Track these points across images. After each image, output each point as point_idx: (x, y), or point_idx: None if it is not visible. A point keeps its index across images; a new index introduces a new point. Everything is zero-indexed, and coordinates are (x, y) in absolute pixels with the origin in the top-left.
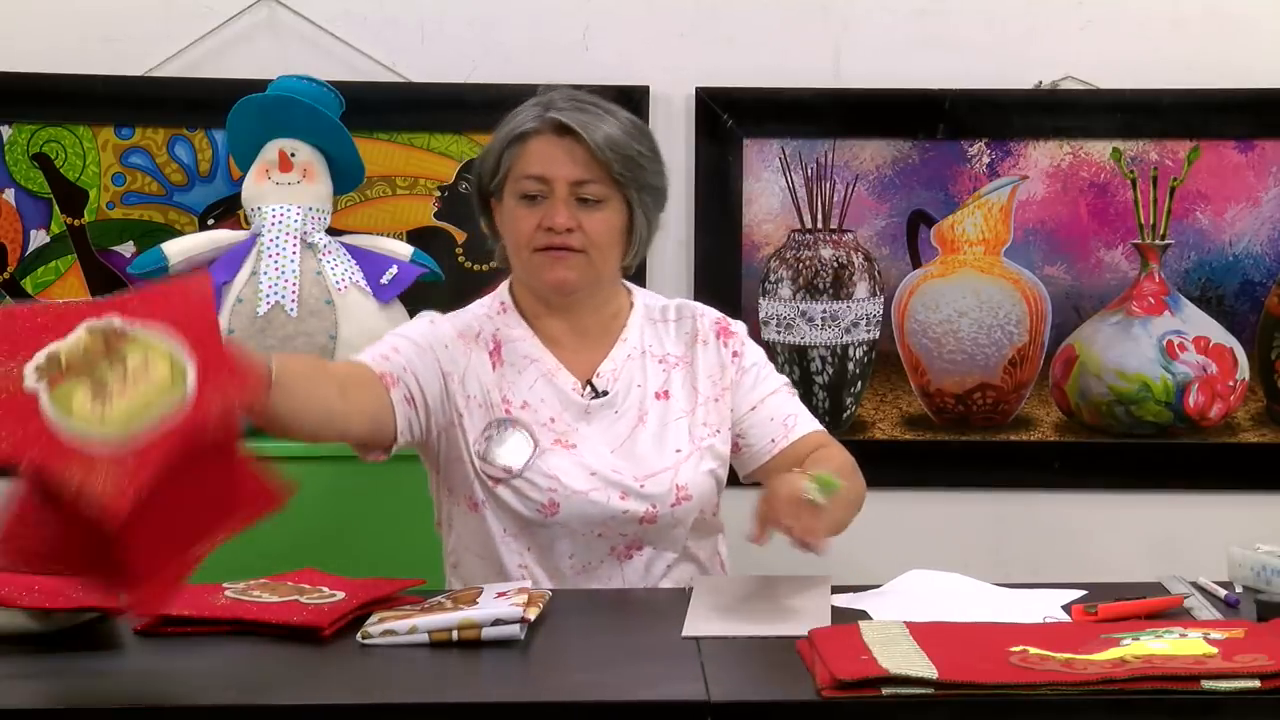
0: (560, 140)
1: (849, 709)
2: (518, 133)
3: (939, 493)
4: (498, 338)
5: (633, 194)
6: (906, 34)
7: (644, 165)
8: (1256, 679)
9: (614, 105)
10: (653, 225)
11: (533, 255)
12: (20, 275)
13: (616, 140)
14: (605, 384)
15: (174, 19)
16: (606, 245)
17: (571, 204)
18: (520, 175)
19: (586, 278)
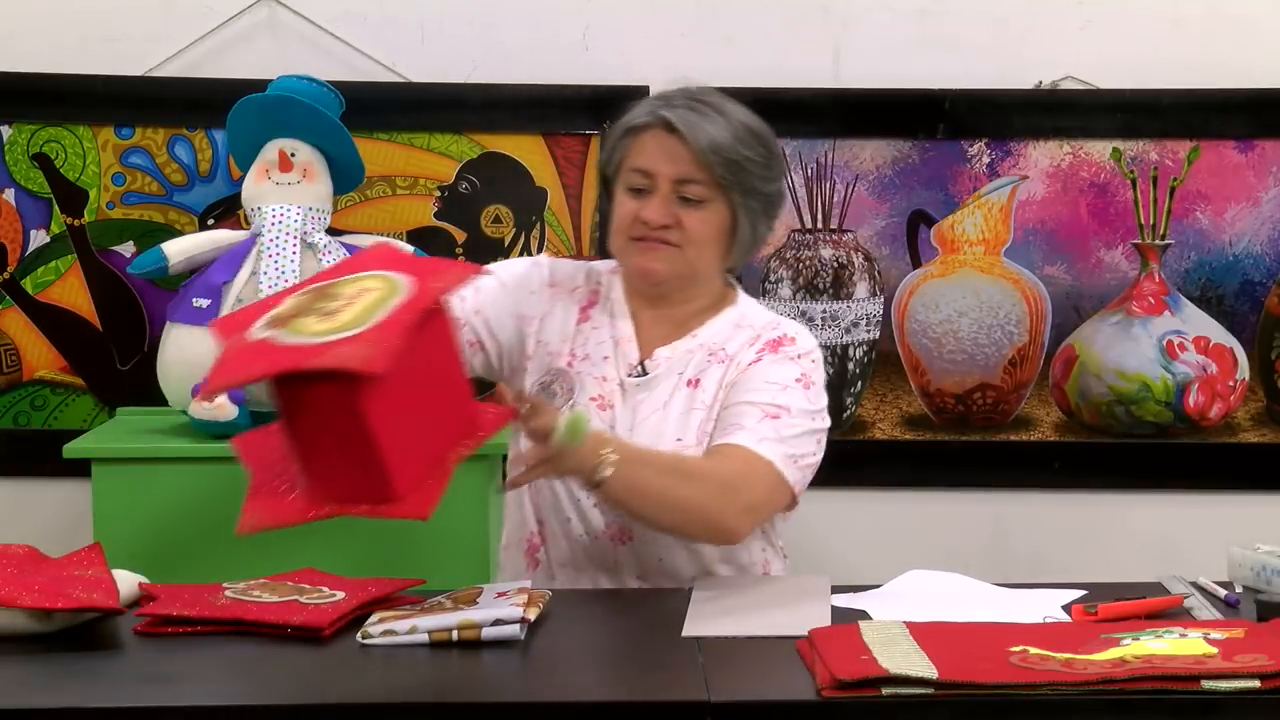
0: (668, 137)
1: (849, 709)
2: (631, 126)
3: (939, 493)
4: (598, 295)
5: (736, 197)
6: (906, 34)
7: (750, 170)
8: (1256, 679)
9: (735, 106)
10: (760, 230)
11: (627, 243)
12: (20, 275)
13: (721, 143)
14: (654, 367)
15: (174, 19)
16: (703, 243)
17: (672, 201)
18: (629, 168)
19: (676, 270)
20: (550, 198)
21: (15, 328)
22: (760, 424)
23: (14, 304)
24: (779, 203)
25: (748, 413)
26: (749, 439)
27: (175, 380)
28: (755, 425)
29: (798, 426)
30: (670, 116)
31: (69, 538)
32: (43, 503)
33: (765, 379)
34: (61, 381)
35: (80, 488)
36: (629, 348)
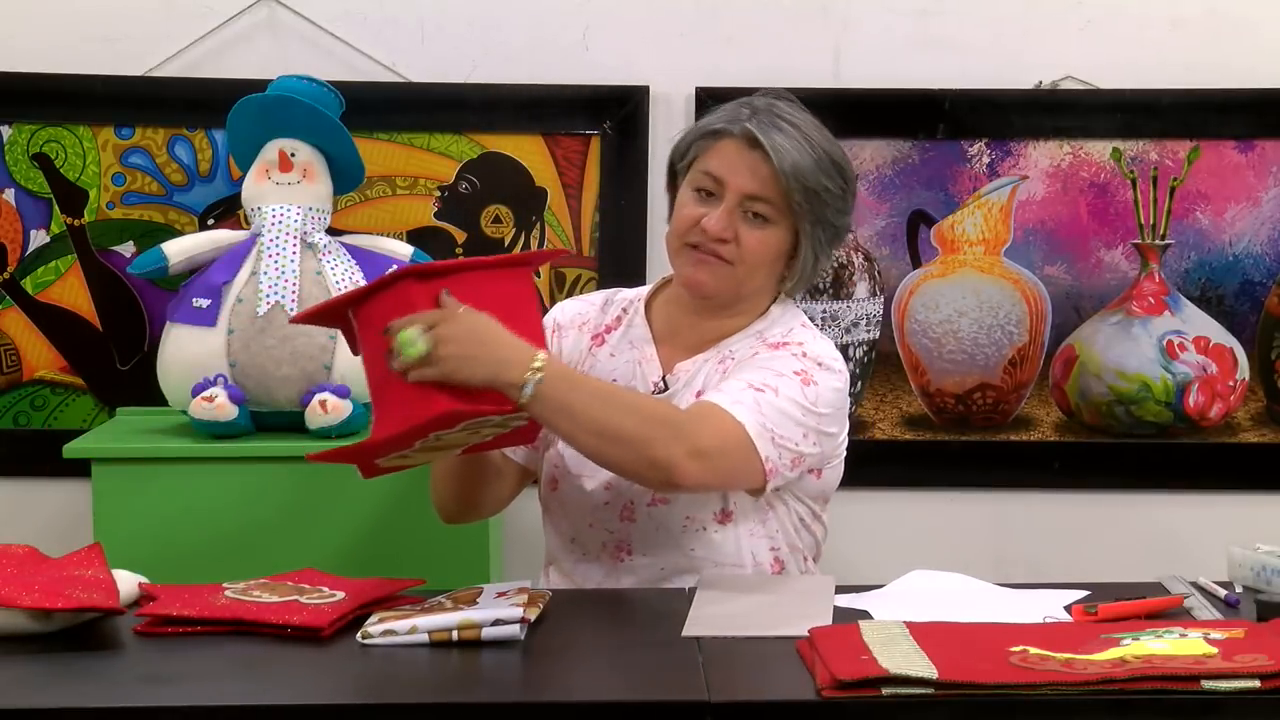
0: (750, 150)
1: (849, 709)
2: (714, 128)
3: (939, 493)
4: (618, 323)
5: (806, 226)
6: (906, 34)
7: (827, 201)
8: (1256, 679)
9: (818, 133)
10: (822, 260)
11: (682, 247)
12: (20, 275)
13: (804, 170)
14: (674, 381)
15: (174, 19)
16: (757, 264)
17: (736, 214)
18: (702, 169)
19: (724, 288)
20: (550, 198)
21: (15, 328)
22: (741, 392)
23: (14, 304)
24: (845, 236)
25: (731, 385)
26: (723, 400)
27: (175, 380)
28: (734, 391)
29: (779, 408)
30: (756, 130)
31: (69, 538)
32: (43, 503)
33: (760, 365)
34: (61, 381)
35: (80, 488)
36: (650, 367)
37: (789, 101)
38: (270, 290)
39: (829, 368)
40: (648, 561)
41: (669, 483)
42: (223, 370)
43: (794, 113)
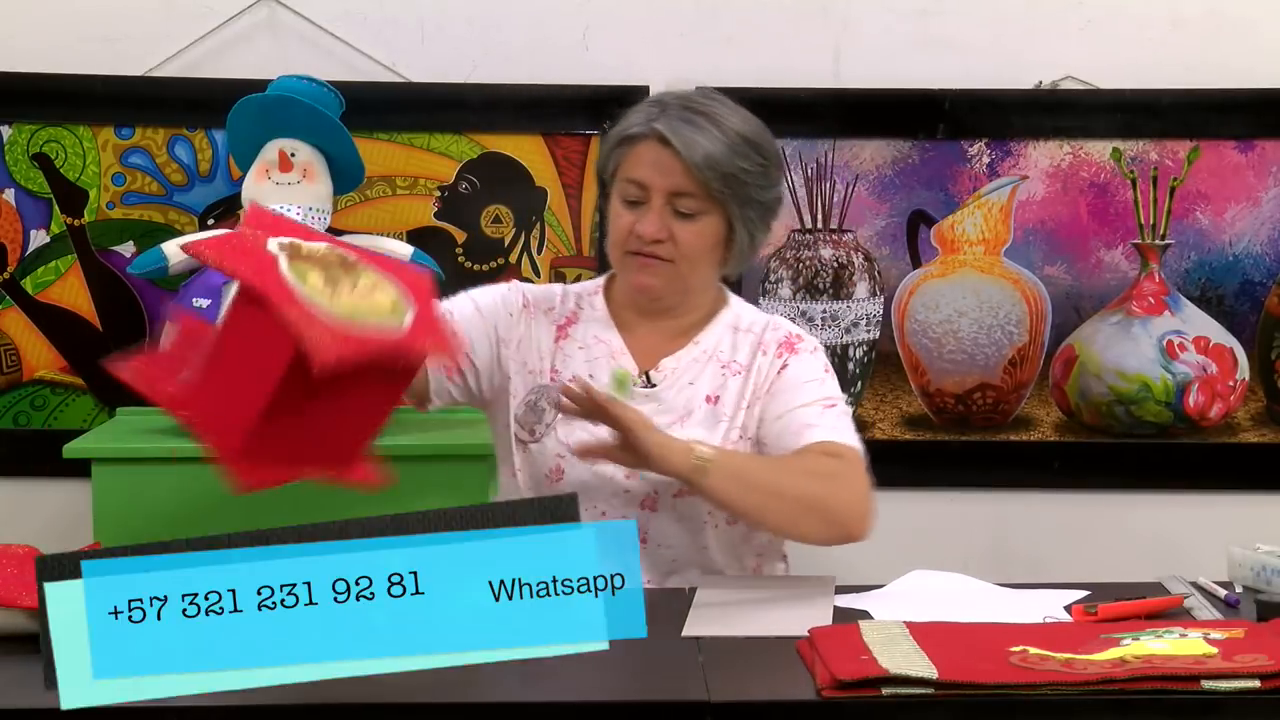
0: (661, 150)
1: (849, 709)
2: (626, 135)
3: (939, 493)
4: (577, 315)
5: (733, 209)
6: (906, 34)
7: (747, 181)
8: (1256, 679)
9: (730, 114)
10: (758, 237)
11: (624, 257)
12: (20, 275)
13: (715, 157)
14: (660, 378)
15: (174, 19)
16: (697, 257)
17: (666, 214)
18: (623, 178)
19: (672, 287)
20: (550, 198)
21: (15, 328)
22: (824, 416)
23: (14, 304)
24: (777, 208)
25: (807, 413)
26: (828, 432)
27: None
28: (821, 419)
29: (845, 414)
30: (663, 129)
31: (69, 538)
32: (43, 503)
33: (803, 379)
34: (61, 381)
35: (80, 488)
36: (624, 360)
37: (700, 91)
38: None
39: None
40: (661, 552)
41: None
42: None
43: (705, 101)
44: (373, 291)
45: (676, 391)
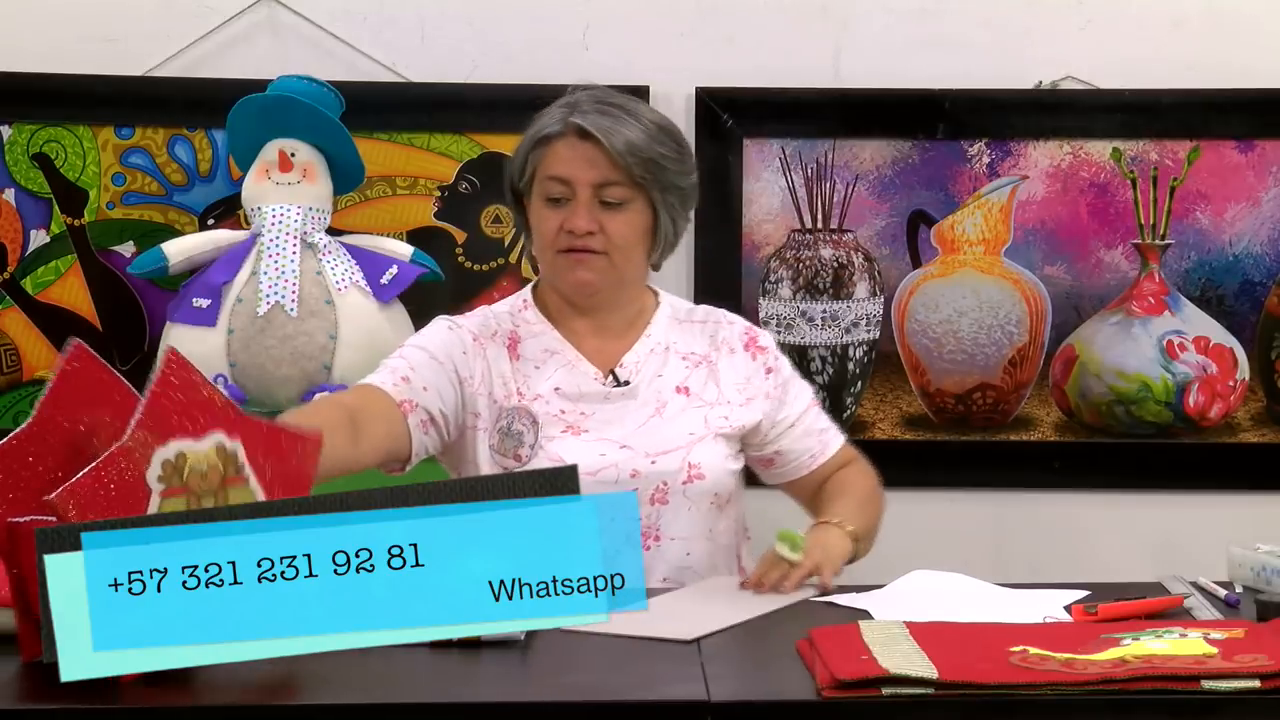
0: (582, 144)
1: (849, 709)
2: (542, 135)
3: (939, 493)
4: (516, 334)
5: (656, 195)
6: (906, 34)
7: (667, 167)
8: (1256, 679)
9: (641, 106)
10: (679, 224)
11: (556, 256)
12: (20, 275)
13: (636, 144)
14: (628, 374)
15: (174, 19)
16: (629, 246)
17: (594, 206)
18: (544, 177)
19: (608, 279)
20: None
21: (15, 328)
22: (822, 416)
23: (14, 304)
24: (694, 196)
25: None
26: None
27: None
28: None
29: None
30: (582, 122)
31: None
32: None
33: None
34: None
35: None
36: (584, 367)
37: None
38: (270, 290)
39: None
40: (674, 545)
41: None
42: (223, 370)
43: (616, 96)
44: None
45: (647, 385)
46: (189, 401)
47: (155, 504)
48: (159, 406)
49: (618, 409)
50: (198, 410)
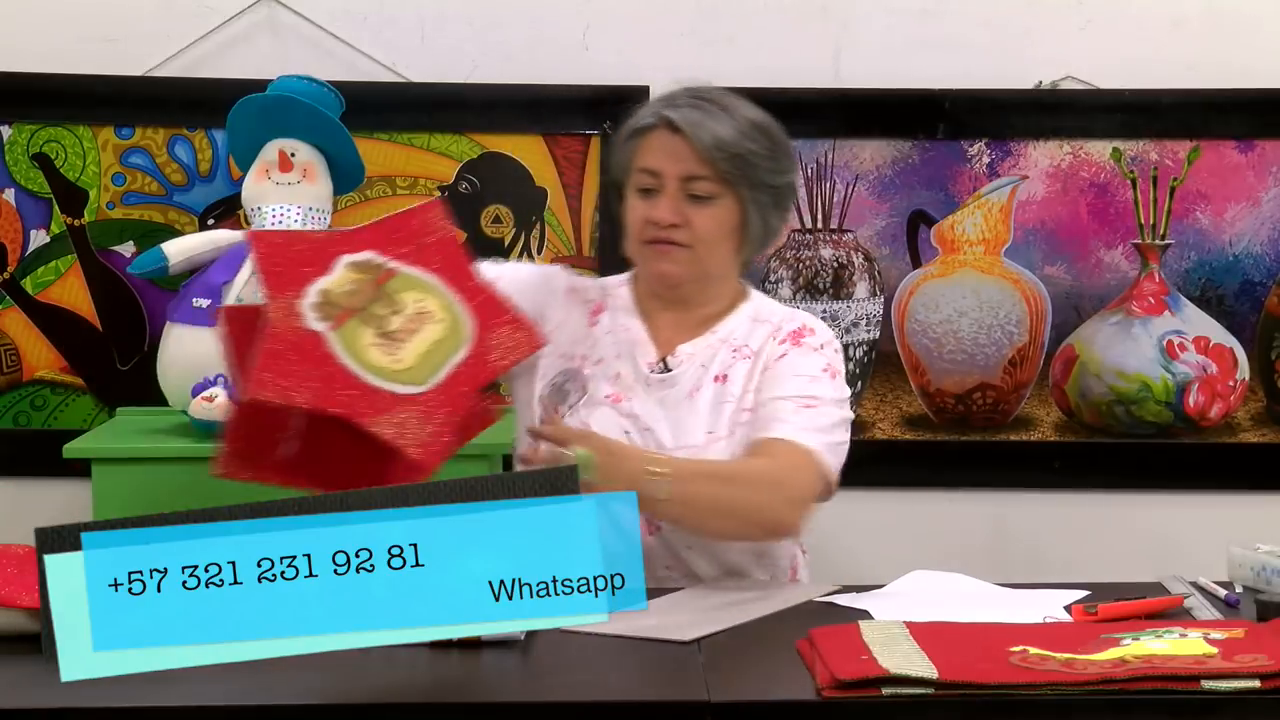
0: (672, 137)
1: (849, 709)
2: (636, 128)
3: (939, 493)
4: (603, 304)
5: (745, 192)
6: (906, 34)
7: (756, 164)
8: (1256, 679)
9: (739, 102)
10: (770, 223)
11: (642, 247)
12: (20, 275)
13: (725, 139)
14: (676, 363)
15: (174, 19)
16: (713, 241)
17: (680, 199)
18: (637, 169)
19: (691, 272)
20: (550, 198)
21: (15, 328)
22: (797, 415)
23: (14, 304)
24: (790, 195)
25: (783, 407)
26: (789, 431)
27: (175, 380)
28: (792, 417)
29: (831, 415)
30: (673, 116)
31: None
32: (43, 503)
33: (794, 372)
34: (61, 381)
35: (80, 488)
36: (646, 347)
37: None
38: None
39: (834, 344)
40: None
41: (780, 537)
42: (223, 370)
43: (712, 92)
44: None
45: (689, 375)
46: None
47: (334, 339)
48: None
49: (656, 394)
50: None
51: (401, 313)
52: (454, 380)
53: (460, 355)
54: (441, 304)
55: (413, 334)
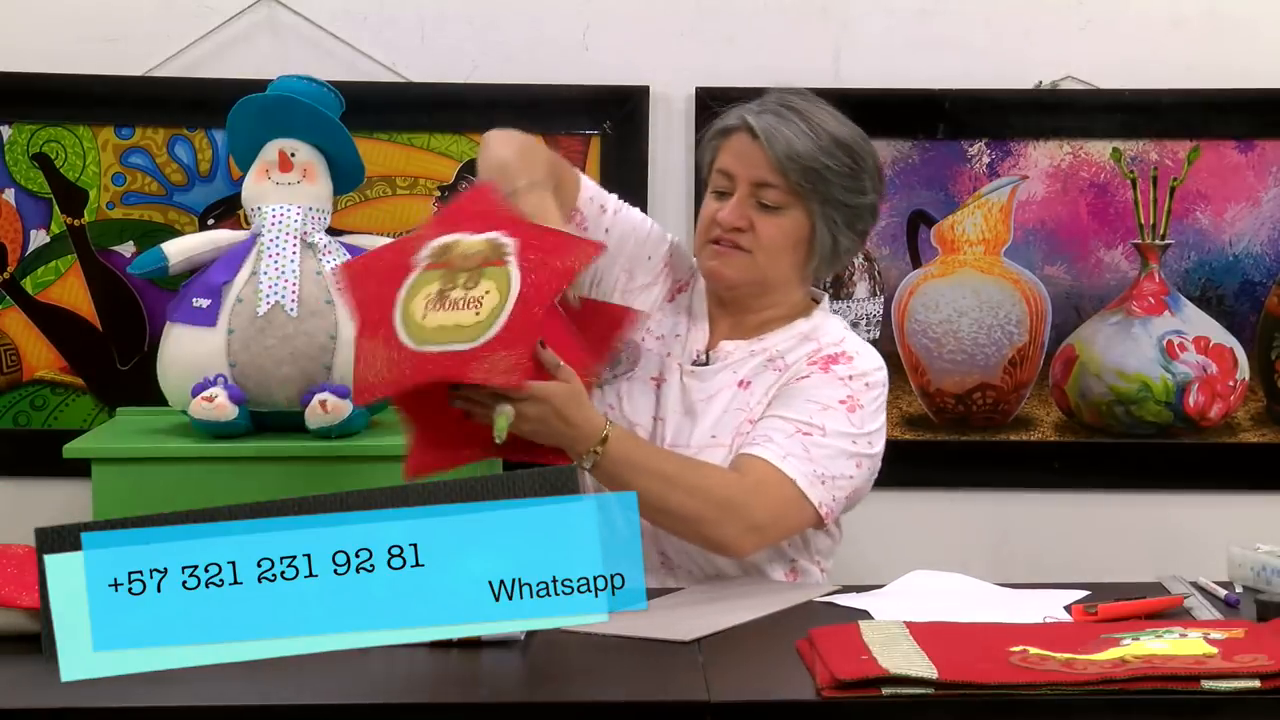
0: (751, 142)
1: (849, 709)
2: (720, 128)
3: (939, 493)
4: (690, 284)
5: (815, 206)
6: (906, 34)
7: (830, 180)
8: (1256, 679)
9: (824, 114)
10: (841, 241)
11: (704, 245)
12: (20, 275)
13: (799, 151)
14: (715, 358)
15: (174, 19)
16: (776, 250)
17: (749, 204)
18: (715, 169)
19: (746, 277)
20: None
21: (15, 328)
22: (789, 440)
23: (14, 304)
24: (867, 216)
25: (779, 427)
26: (773, 453)
27: (175, 380)
28: (783, 440)
29: (830, 447)
30: (753, 121)
31: None
32: (43, 503)
33: (807, 396)
34: (61, 381)
35: (80, 488)
36: (700, 336)
37: (801, 94)
38: (270, 290)
39: (868, 377)
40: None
41: (724, 554)
42: (223, 370)
43: (802, 101)
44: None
45: (722, 374)
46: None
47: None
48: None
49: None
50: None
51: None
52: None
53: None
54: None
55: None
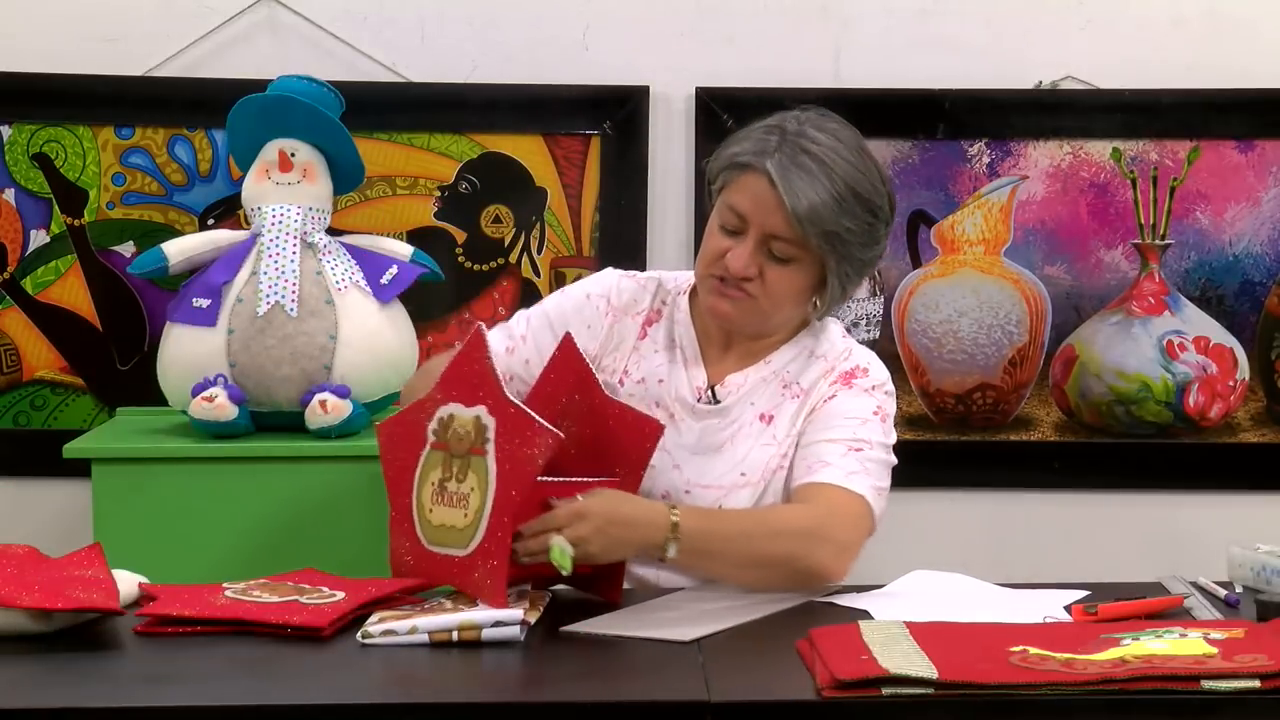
0: (769, 189)
1: (849, 709)
2: (740, 160)
3: (939, 493)
4: (659, 314)
5: (831, 263)
6: (906, 34)
7: (849, 240)
8: (1256, 679)
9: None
10: (849, 290)
11: (707, 278)
12: (20, 275)
13: (820, 213)
14: (725, 394)
15: (174, 19)
16: (782, 299)
17: (760, 252)
18: (727, 203)
19: (749, 319)
20: (550, 198)
21: (15, 328)
22: (845, 459)
23: (14, 304)
24: (875, 263)
25: (831, 450)
26: (837, 476)
27: (175, 380)
28: (840, 460)
29: (879, 458)
30: (773, 169)
31: (69, 538)
32: (43, 503)
33: (844, 414)
34: (61, 381)
35: (80, 488)
36: (696, 371)
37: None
38: (270, 290)
39: (885, 386)
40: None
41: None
42: (223, 370)
43: (824, 139)
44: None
45: (738, 408)
46: (473, 373)
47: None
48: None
49: (703, 425)
50: (477, 382)
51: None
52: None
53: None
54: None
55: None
